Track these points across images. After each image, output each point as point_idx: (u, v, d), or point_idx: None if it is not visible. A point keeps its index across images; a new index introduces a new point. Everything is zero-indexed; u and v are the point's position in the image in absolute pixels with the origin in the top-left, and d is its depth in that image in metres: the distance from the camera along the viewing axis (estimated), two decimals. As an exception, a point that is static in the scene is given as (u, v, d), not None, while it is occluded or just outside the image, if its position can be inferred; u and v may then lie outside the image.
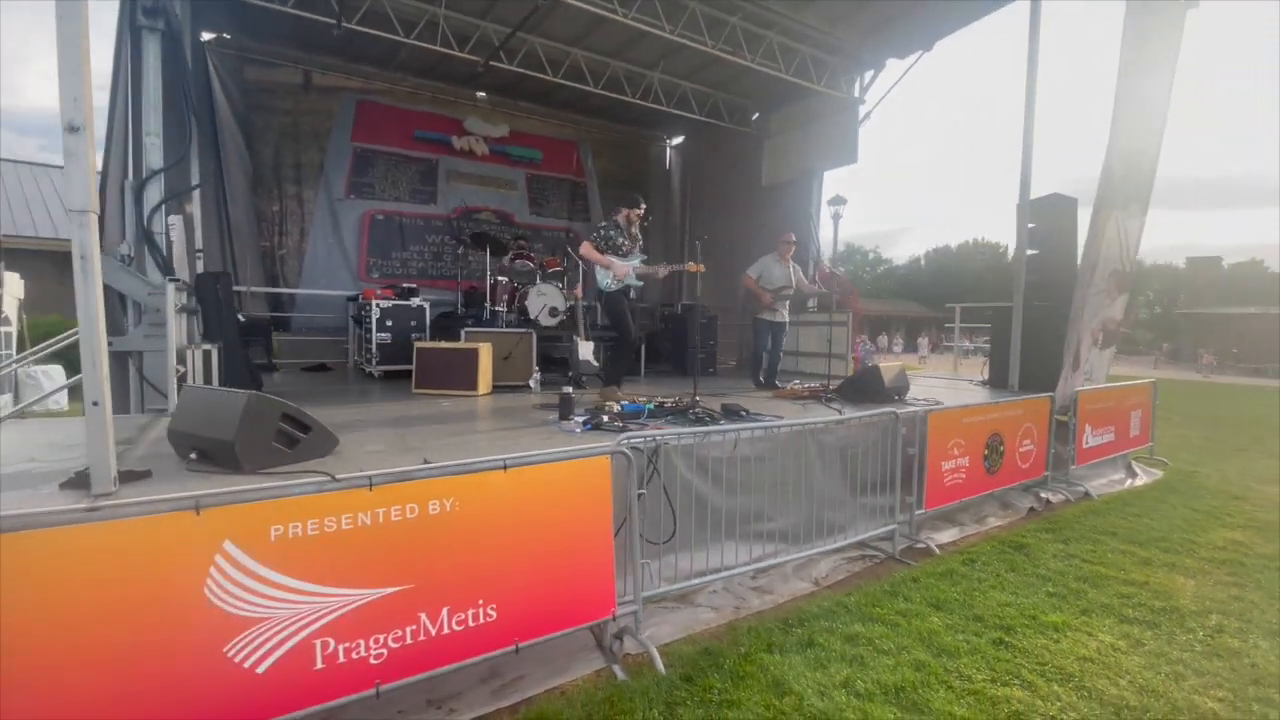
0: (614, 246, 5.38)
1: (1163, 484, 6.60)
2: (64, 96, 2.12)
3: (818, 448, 4.30)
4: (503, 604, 2.58)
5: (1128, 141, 6.21)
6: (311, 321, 8.31)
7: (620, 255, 5.39)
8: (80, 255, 2.15)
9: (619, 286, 5.40)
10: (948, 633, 3.23)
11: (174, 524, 1.97)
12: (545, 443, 3.38)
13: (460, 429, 3.84)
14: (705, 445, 3.65)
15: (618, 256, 5.36)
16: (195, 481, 2.48)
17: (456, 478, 2.51)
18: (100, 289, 2.22)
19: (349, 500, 2.27)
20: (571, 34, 7.23)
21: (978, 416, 5.07)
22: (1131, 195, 6.56)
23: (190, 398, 2.80)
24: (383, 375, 6.70)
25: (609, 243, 5.38)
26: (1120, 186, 6.29)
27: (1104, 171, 6.18)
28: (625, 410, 4.11)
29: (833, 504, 4.35)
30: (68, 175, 2.13)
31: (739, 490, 3.76)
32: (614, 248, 5.38)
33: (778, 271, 6.57)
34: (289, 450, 2.73)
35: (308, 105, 8.19)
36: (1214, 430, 10.60)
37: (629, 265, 5.35)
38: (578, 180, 10.59)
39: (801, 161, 8.70)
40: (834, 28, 6.84)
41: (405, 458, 2.95)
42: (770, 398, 5.81)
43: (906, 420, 4.52)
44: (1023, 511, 5.48)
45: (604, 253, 5.32)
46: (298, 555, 2.16)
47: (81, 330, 2.18)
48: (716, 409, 4.44)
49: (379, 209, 8.78)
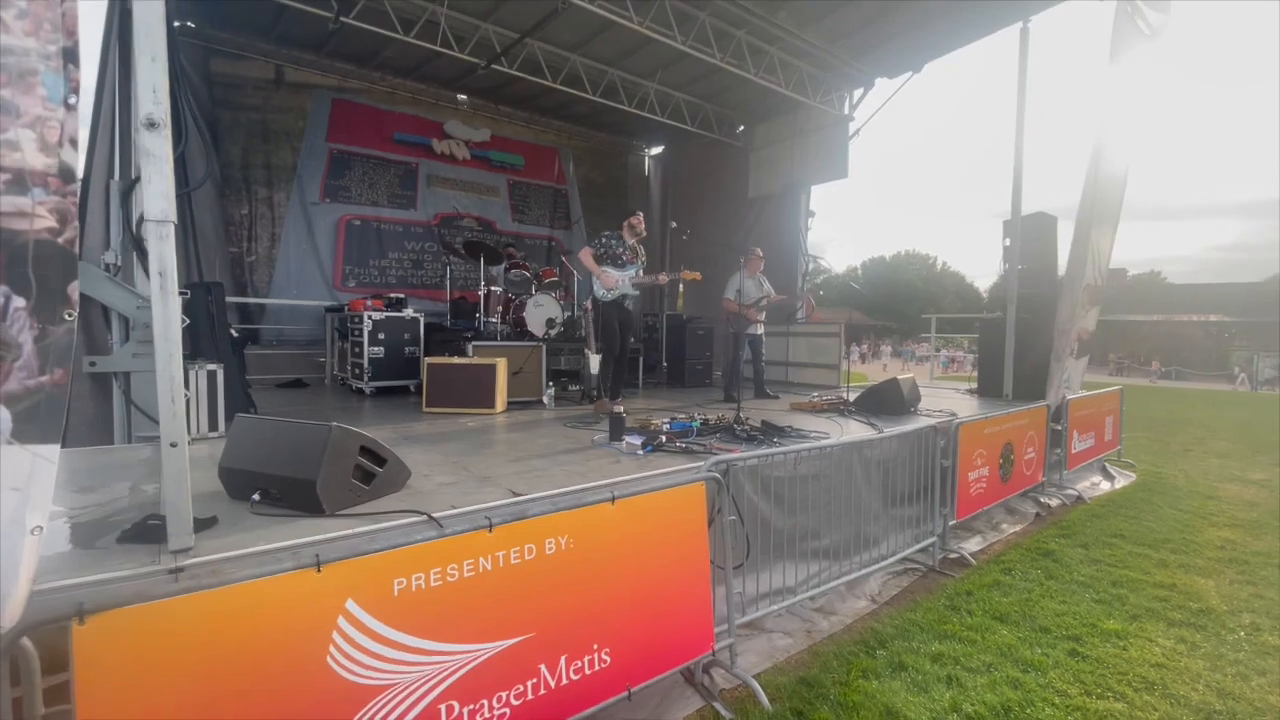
0: (612, 256, 5.43)
1: (1139, 486, 7.01)
2: (141, 87, 1.83)
3: (861, 463, 4.29)
4: (615, 647, 2.40)
5: (1106, 166, 6.61)
6: (282, 334, 7.73)
7: (618, 265, 5.43)
8: (159, 271, 1.85)
9: (613, 296, 5.45)
10: (1024, 646, 3.26)
11: (293, 585, 1.71)
12: (621, 469, 3.21)
13: (515, 454, 3.57)
14: (769, 465, 3.57)
15: (615, 266, 5.41)
16: (271, 528, 2.18)
17: (570, 513, 2.31)
18: (178, 312, 1.91)
19: (469, 544, 2.05)
20: (574, 40, 7.06)
21: (995, 427, 5.22)
22: (1105, 215, 6.99)
23: (247, 431, 2.47)
24: (374, 392, 6.28)
25: (608, 251, 5.43)
26: (1097, 207, 6.67)
27: (1084, 192, 6.55)
28: (674, 428, 3.97)
29: (872, 518, 4.36)
30: (146, 179, 1.83)
31: (796, 509, 3.70)
32: (612, 257, 5.43)
33: (750, 286, 6.65)
34: (366, 487, 2.46)
35: (280, 102, 7.64)
36: (1154, 431, 11.43)
37: (621, 276, 5.40)
38: (559, 187, 10.37)
39: (789, 175, 8.82)
40: (832, 45, 6.97)
41: (487, 491, 2.72)
42: (788, 410, 5.80)
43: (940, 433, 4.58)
44: (1029, 517, 5.67)
45: (601, 262, 5.40)
46: (420, 610, 1.92)
47: (159, 360, 1.87)
48: (758, 425, 4.37)
49: (356, 214, 8.28)
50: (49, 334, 1.64)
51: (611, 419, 3.85)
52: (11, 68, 1.59)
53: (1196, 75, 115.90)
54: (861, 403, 5.52)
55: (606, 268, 5.39)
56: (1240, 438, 11.03)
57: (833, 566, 3.97)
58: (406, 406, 5.79)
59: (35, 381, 1.62)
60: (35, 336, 1.62)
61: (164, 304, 1.86)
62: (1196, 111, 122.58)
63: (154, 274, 1.84)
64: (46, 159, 1.61)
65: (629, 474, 3.06)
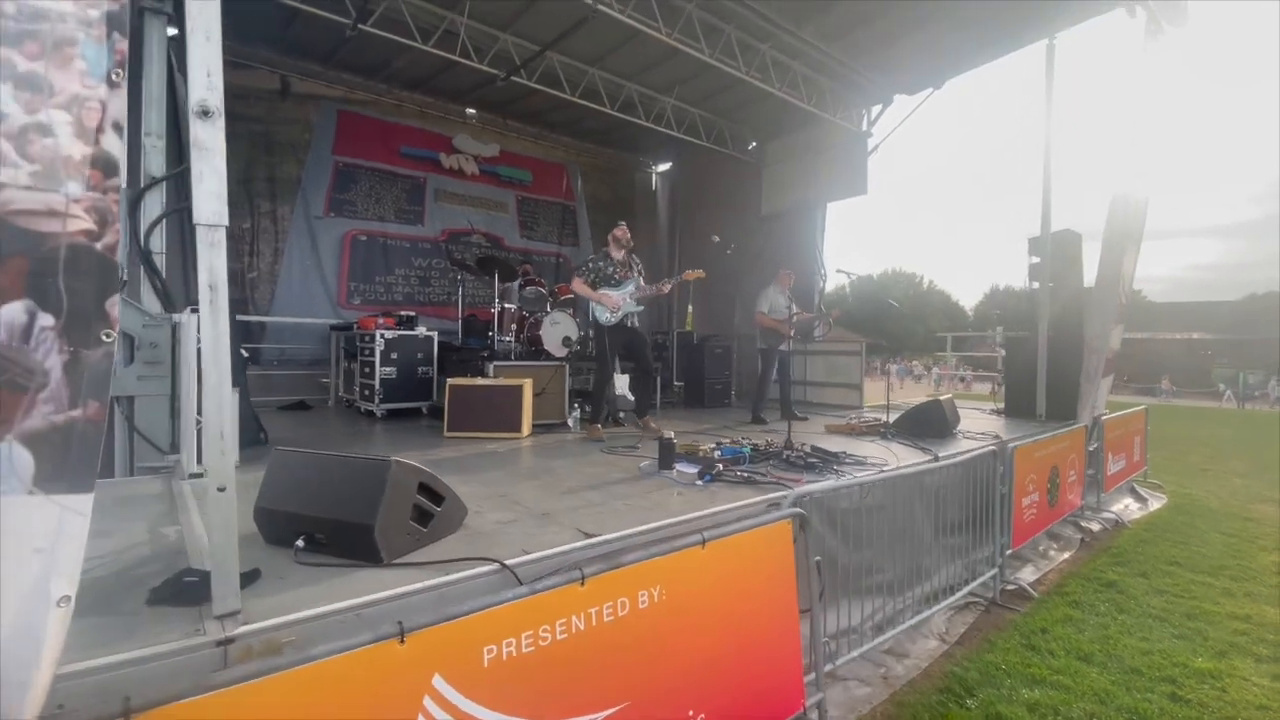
0: (605, 277, 5.26)
1: (1174, 509, 6.83)
2: (194, 70, 1.56)
3: (919, 491, 4.05)
4: (709, 710, 2.11)
5: (1132, 183, 6.55)
6: (284, 353, 7.37)
7: (613, 285, 5.25)
8: (209, 284, 1.57)
9: (618, 318, 5.25)
10: (1121, 691, 3.01)
11: (373, 663, 1.41)
12: (687, 503, 2.93)
13: (563, 485, 3.26)
14: (835, 496, 3.31)
15: (610, 287, 5.23)
16: (322, 583, 1.88)
17: (661, 560, 2.04)
18: (226, 330, 1.63)
19: (562, 601, 1.76)
20: (593, 53, 6.90)
21: (1044, 450, 5.02)
22: (1132, 232, 6.92)
23: (288, 467, 2.17)
24: (385, 415, 5.95)
25: (599, 274, 5.26)
26: (1124, 225, 6.59)
27: (1112, 209, 6.49)
28: (725, 454, 3.71)
29: (926, 549, 4.12)
30: (197, 176, 1.56)
31: (862, 542, 3.44)
32: (605, 279, 5.25)
33: (782, 302, 6.47)
34: (424, 529, 2.17)
35: (284, 114, 7.37)
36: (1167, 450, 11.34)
37: (622, 294, 5.23)
38: (567, 203, 10.17)
39: (805, 191, 8.69)
40: (855, 60, 6.87)
41: (552, 531, 2.43)
42: (824, 433, 5.56)
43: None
44: (1074, 543, 5.46)
45: (596, 286, 5.22)
46: (513, 683, 1.63)
47: (207, 387, 1.58)
48: (809, 450, 4.12)
49: (361, 229, 7.98)
50: (82, 359, 1.35)
51: (661, 445, 3.57)
52: (45, 36, 1.32)
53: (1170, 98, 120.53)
54: (902, 425, 5.29)
55: (604, 290, 5.21)
56: (1250, 455, 10.98)
57: (892, 602, 3.71)
58: (421, 430, 5.48)
59: (64, 417, 1.33)
60: (65, 362, 1.33)
61: (214, 322, 1.57)
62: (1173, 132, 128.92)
63: (203, 286, 1.56)
64: (84, 147, 1.34)
65: (699, 509, 2.79)
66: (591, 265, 5.30)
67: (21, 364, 1.32)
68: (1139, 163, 6.56)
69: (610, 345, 5.25)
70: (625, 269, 5.32)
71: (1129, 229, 6.73)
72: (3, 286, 1.30)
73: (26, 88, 1.32)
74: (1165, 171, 6.45)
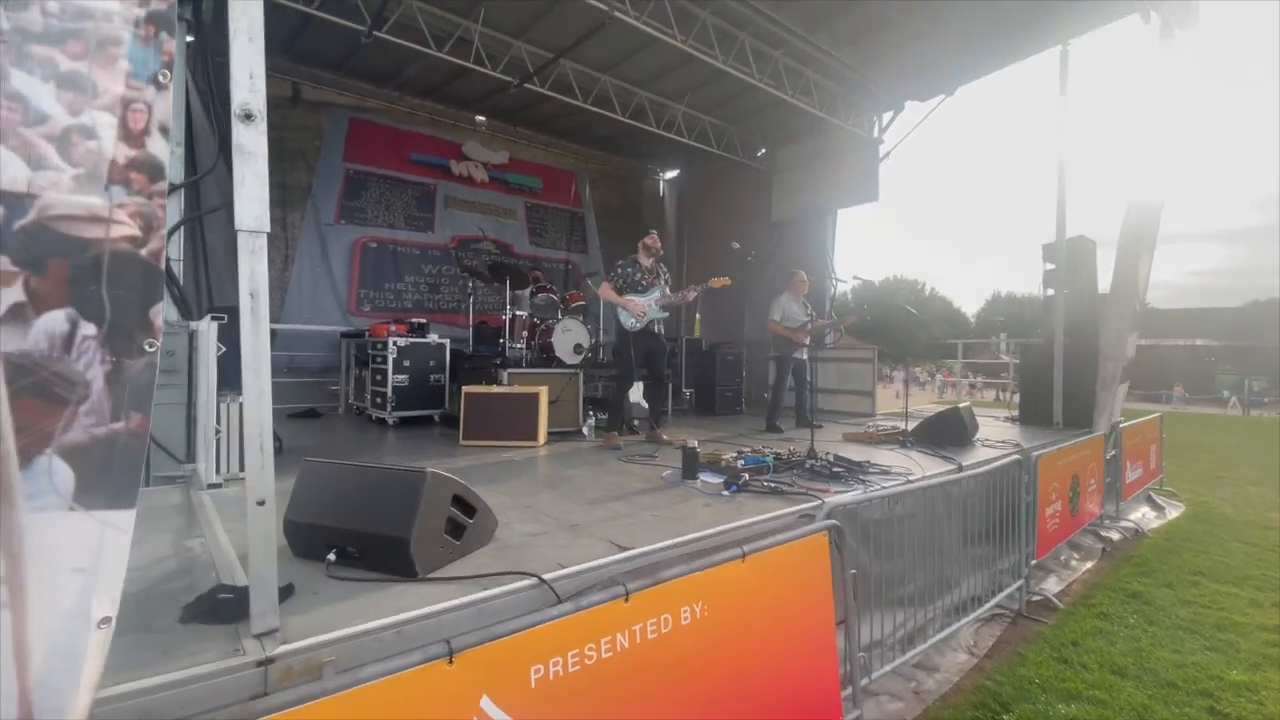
0: (632, 284, 5.26)
1: (1191, 517, 6.76)
2: (237, 72, 1.53)
3: (945, 501, 4.00)
4: (750, 731, 2.05)
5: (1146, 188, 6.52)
6: (294, 361, 7.33)
7: (640, 291, 5.26)
8: (250, 291, 1.53)
9: (643, 324, 5.24)
10: (1159, 705, 2.95)
11: (422, 685, 1.36)
12: (717, 514, 2.87)
13: (588, 495, 3.20)
14: (867, 506, 3.26)
15: (637, 293, 5.24)
16: (357, 597, 1.82)
17: (702, 575, 1.98)
18: (267, 340, 1.59)
19: (607, 618, 1.71)
20: (606, 60, 6.90)
21: (1066, 458, 4.96)
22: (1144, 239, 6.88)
23: (318, 478, 2.12)
24: (397, 422, 5.90)
25: (627, 280, 5.26)
26: (1138, 230, 6.55)
27: (1128, 215, 6.45)
28: (748, 464, 3.65)
29: (951, 559, 4.06)
30: (239, 180, 1.52)
31: (892, 553, 3.38)
32: (632, 285, 5.26)
33: (796, 309, 6.43)
34: (456, 542, 2.11)
35: (295, 121, 7.36)
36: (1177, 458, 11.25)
37: (648, 301, 5.23)
38: (576, 211, 10.15)
39: (815, 198, 8.67)
40: (865, 66, 6.87)
41: (584, 543, 2.38)
42: (842, 441, 5.50)
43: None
44: (1095, 552, 5.39)
45: (623, 292, 5.23)
46: (560, 705, 1.57)
47: (247, 399, 1.54)
48: (832, 459, 4.06)
49: (372, 236, 7.96)
50: (125, 369, 1.31)
51: (684, 454, 3.52)
52: (89, 35, 1.29)
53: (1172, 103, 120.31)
54: (921, 433, 5.24)
55: (631, 296, 5.21)
56: (1260, 462, 10.89)
57: (919, 614, 3.65)
58: (434, 438, 5.43)
59: (106, 430, 1.28)
60: (108, 373, 1.29)
61: (255, 332, 1.53)
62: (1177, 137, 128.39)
63: (244, 295, 1.52)
64: (130, 150, 1.30)
65: (730, 520, 2.74)
66: (621, 271, 5.28)
67: (63, 375, 1.27)
68: (1153, 167, 6.53)
69: (635, 351, 5.22)
70: (653, 276, 5.33)
71: (1143, 234, 6.69)
72: (44, 294, 1.26)
73: (70, 88, 1.28)
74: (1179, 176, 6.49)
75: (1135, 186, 6.55)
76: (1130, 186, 6.58)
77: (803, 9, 5.81)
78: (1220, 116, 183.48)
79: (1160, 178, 6.74)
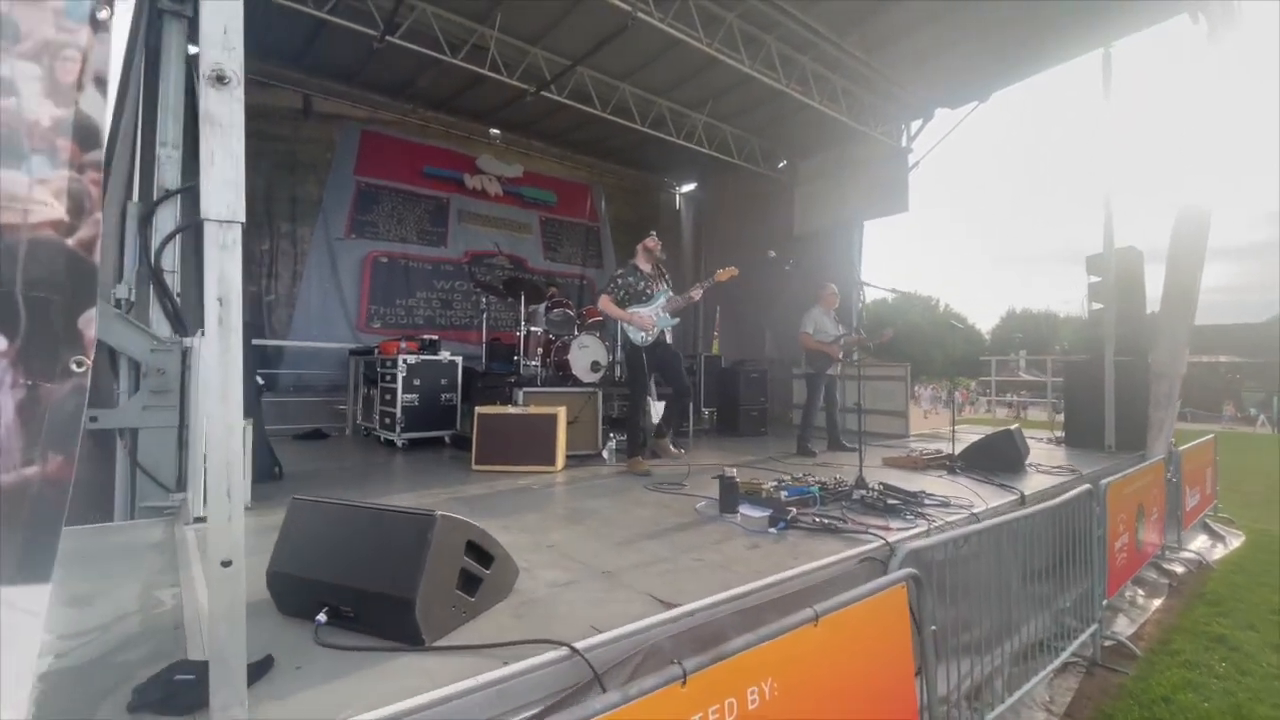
0: (635, 294, 4.85)
1: (1255, 546, 6.27)
2: (208, 27, 1.23)
3: (1010, 536, 3.60)
4: (829, 836, 1.67)
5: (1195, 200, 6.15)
6: (301, 379, 7.06)
7: (643, 301, 4.86)
8: (218, 297, 1.22)
9: (652, 338, 4.85)
10: (1284, 784, 2.51)
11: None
12: (765, 557, 2.51)
13: (617, 533, 2.81)
14: (931, 547, 2.88)
15: (640, 304, 4.83)
16: (351, 675, 1.48)
17: (769, 645, 1.62)
18: (239, 356, 1.27)
19: (659, 708, 1.35)
20: (625, 68, 6.68)
21: (1132, 485, 4.55)
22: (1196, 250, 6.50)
23: (308, 520, 1.79)
24: (406, 444, 5.59)
25: (629, 290, 4.84)
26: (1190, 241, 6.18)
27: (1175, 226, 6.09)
28: (791, 494, 3.28)
29: (1013, 600, 3.65)
30: (207, 159, 1.21)
31: (954, 599, 3.00)
32: (635, 295, 4.84)
33: (828, 323, 6.09)
34: (470, 599, 1.77)
35: (307, 133, 7.18)
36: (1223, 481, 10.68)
37: (653, 310, 4.84)
38: (592, 225, 9.91)
39: (840, 210, 8.36)
40: (895, 71, 6.58)
41: (619, 596, 2.02)
42: (881, 466, 5.11)
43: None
44: (1161, 587, 4.95)
45: (625, 304, 4.81)
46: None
47: (213, 431, 1.22)
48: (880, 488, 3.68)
49: (383, 251, 7.72)
50: (43, 396, 0.99)
51: (722, 484, 3.16)
52: (10, -35, 0.99)
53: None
54: (970, 457, 4.84)
55: (635, 308, 4.80)
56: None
57: (983, 663, 3.25)
58: (444, 461, 5.11)
59: (14, 476, 0.96)
60: (20, 401, 0.97)
61: (223, 347, 1.21)
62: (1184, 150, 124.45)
63: (211, 299, 1.21)
64: (56, 109, 1.00)
65: (783, 566, 2.38)
66: (621, 281, 4.88)
67: (-41, 404, 0.96)
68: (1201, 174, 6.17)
69: (647, 367, 4.87)
70: (655, 281, 4.95)
71: (1195, 245, 6.32)
72: (-62, 298, 0.96)
73: (-18, 33, 0.99)
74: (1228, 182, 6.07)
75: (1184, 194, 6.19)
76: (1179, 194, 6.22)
77: (835, 9, 5.54)
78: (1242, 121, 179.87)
79: (1208, 184, 6.39)
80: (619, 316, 4.81)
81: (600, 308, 4.96)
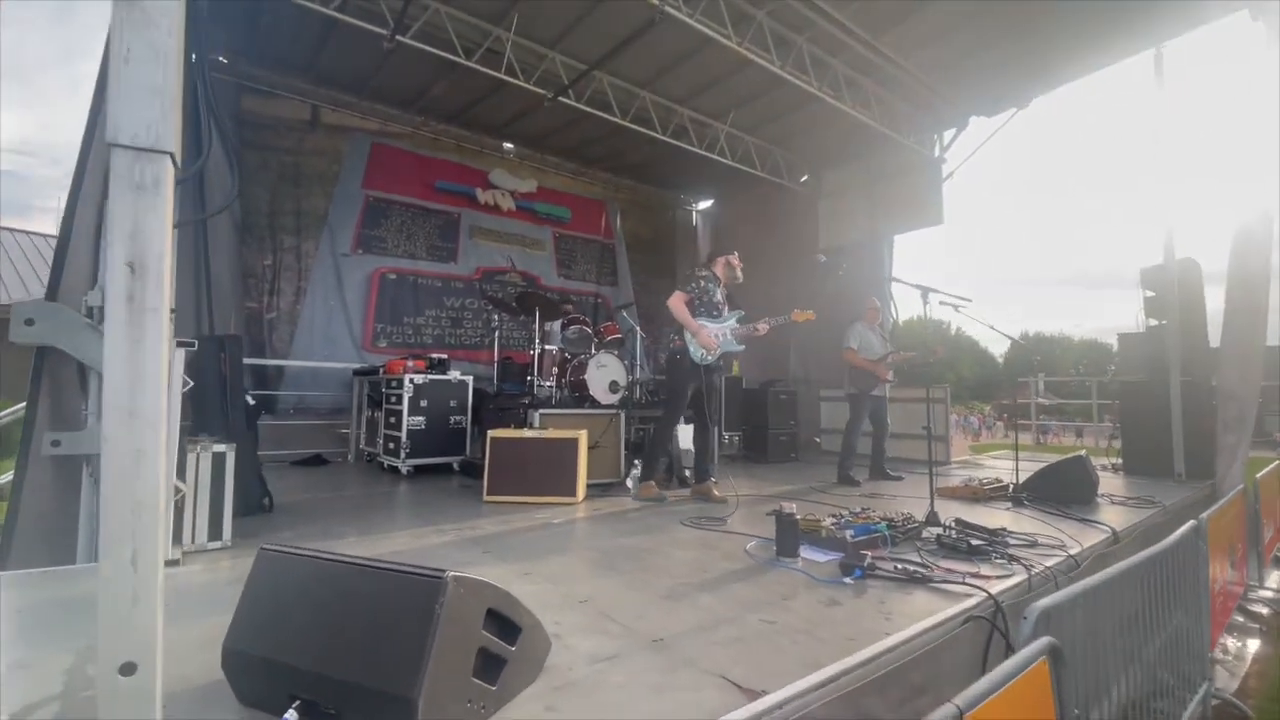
0: (708, 305, 4.45)
1: (1340, 584, 5.68)
2: None
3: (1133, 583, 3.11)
4: None
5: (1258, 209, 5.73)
6: (302, 401, 6.68)
7: (713, 315, 4.47)
8: (127, 261, 0.81)
9: (713, 359, 4.43)
10: None
11: None
12: (853, 617, 2.04)
13: (662, 583, 2.29)
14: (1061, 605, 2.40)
15: (710, 318, 4.45)
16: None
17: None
18: (160, 355, 0.85)
19: None
20: (645, 74, 6.40)
21: (1225, 518, 4.04)
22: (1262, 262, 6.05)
23: (278, 579, 1.36)
24: (412, 471, 5.16)
25: (703, 298, 4.43)
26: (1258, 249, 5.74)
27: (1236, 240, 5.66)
28: (857, 534, 2.82)
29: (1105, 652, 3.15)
30: (118, 55, 0.81)
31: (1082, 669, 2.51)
32: (708, 305, 4.45)
33: (874, 339, 5.66)
34: (491, 688, 1.32)
35: (314, 145, 6.92)
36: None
37: (718, 329, 4.44)
38: (606, 242, 9.58)
39: (869, 224, 7.99)
40: (931, 76, 6.25)
41: (681, 678, 1.56)
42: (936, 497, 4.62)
43: (1194, 533, 3.40)
44: (1251, 631, 4.41)
45: (696, 313, 4.38)
46: None
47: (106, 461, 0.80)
48: (954, 525, 3.21)
49: (391, 267, 7.39)
50: None
51: (780, 522, 2.70)
52: None
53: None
54: (1036, 487, 4.35)
55: (703, 320, 4.40)
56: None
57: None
58: (453, 491, 4.67)
59: None
60: None
61: (133, 334, 0.80)
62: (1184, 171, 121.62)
63: (117, 265, 0.80)
64: None
65: (878, 628, 1.91)
66: (699, 285, 4.45)
67: None
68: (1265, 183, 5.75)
69: (692, 386, 4.39)
70: (727, 302, 4.59)
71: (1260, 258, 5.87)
72: None
73: None
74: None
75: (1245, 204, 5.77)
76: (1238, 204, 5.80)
77: (872, 9, 5.22)
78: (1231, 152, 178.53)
79: (1273, 192, 5.97)
80: (688, 324, 4.33)
81: (670, 304, 4.46)
